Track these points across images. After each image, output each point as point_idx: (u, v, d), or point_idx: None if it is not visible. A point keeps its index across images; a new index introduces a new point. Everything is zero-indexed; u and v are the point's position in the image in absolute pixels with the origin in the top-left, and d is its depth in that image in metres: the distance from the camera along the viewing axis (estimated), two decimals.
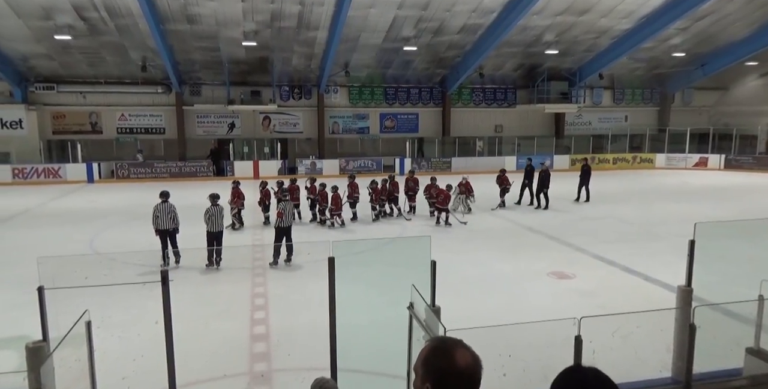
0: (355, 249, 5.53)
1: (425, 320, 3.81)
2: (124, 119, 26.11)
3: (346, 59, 24.99)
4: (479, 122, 29.65)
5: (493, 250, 11.61)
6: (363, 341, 4.87)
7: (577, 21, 22.63)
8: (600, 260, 10.58)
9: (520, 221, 14.48)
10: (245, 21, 20.83)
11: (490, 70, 27.20)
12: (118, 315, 6.76)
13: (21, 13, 19.21)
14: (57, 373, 3.37)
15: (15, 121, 24.34)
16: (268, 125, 27.66)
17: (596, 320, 3.65)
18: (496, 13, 21.29)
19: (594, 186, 17.72)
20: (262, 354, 6.59)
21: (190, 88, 26.20)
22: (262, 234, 13.19)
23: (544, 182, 16.33)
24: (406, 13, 20.92)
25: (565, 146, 29.47)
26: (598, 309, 7.61)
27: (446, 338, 1.75)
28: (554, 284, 9.21)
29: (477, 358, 1.57)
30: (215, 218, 10.38)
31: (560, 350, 3.68)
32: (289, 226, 10.84)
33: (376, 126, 28.91)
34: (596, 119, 31.30)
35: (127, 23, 20.26)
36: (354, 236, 12.92)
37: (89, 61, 23.62)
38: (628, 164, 28.96)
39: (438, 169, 26.21)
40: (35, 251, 11.50)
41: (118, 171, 24.25)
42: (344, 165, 26.10)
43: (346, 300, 4.38)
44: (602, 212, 15.70)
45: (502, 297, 8.53)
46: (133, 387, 5.33)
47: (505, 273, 9.79)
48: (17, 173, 23.07)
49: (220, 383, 5.68)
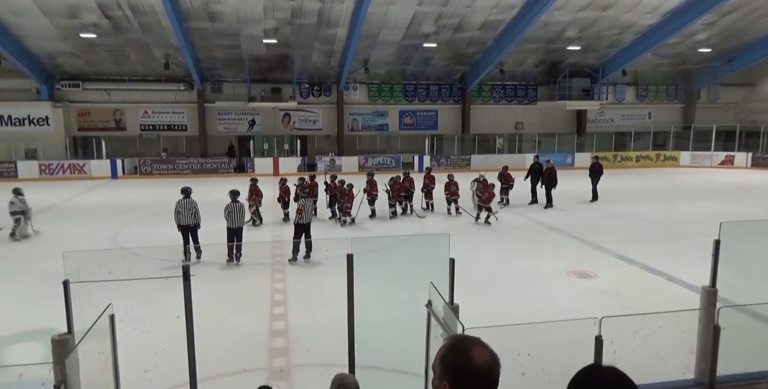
0: (374, 246, 5.54)
1: (443, 318, 3.79)
2: (147, 116, 26.51)
3: (365, 56, 24.99)
4: (499, 119, 29.42)
5: (513, 248, 11.52)
6: (381, 338, 4.88)
7: (600, 16, 22.28)
8: (621, 260, 10.43)
9: (539, 220, 14.34)
10: (266, 18, 20.96)
11: (510, 66, 26.96)
12: (140, 309, 6.89)
13: (48, 12, 19.61)
14: (81, 365, 3.43)
15: (42, 118, 24.88)
16: (288, 122, 27.83)
17: (617, 320, 3.60)
18: (518, 8, 21.08)
19: (617, 184, 17.49)
20: (281, 349, 6.65)
21: (212, 85, 26.48)
22: (282, 230, 13.29)
23: (551, 180, 16.10)
24: (426, 9, 20.83)
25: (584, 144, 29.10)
26: (619, 308, 7.51)
27: (464, 336, 1.74)
28: (574, 284, 9.10)
29: (495, 356, 1.56)
30: (235, 215, 10.48)
31: (580, 350, 3.64)
32: (308, 222, 10.90)
33: (395, 123, 28.88)
34: (619, 116, 30.82)
35: (150, 21, 20.54)
36: (373, 233, 12.94)
37: (114, 59, 24.03)
38: (652, 162, 28.48)
39: (457, 166, 26.09)
40: (61, 245, 11.78)
41: (141, 167, 24.65)
42: (363, 162, 26.14)
43: (365, 297, 4.39)
44: (624, 211, 15.48)
45: (521, 295, 8.46)
46: (155, 380, 5.42)
47: (524, 272, 9.71)
48: (44, 168, 23.59)
49: (239, 377, 5.75)
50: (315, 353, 6.33)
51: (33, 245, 11.94)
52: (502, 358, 1.58)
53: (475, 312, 4.38)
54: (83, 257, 5.00)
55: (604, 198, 17.29)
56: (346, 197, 13.70)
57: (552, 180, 16.12)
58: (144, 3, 19.11)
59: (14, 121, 24.75)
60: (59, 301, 3.62)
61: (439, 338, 3.74)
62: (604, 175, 17.62)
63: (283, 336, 7.02)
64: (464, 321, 3.30)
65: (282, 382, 5.77)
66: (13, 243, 12.03)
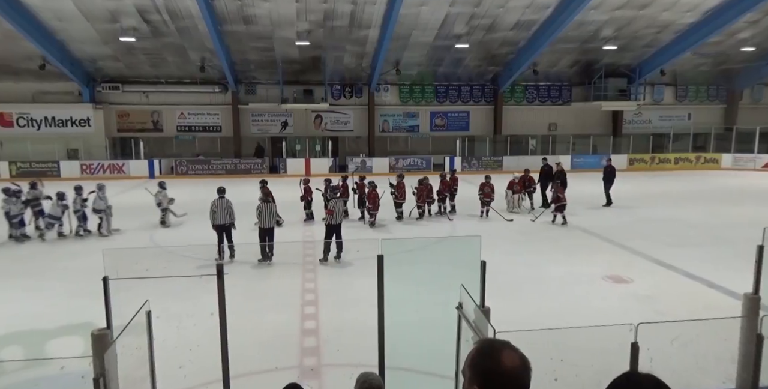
0: (405, 248, 5.54)
1: (474, 321, 3.76)
2: (183, 118, 27.14)
3: (397, 57, 25.01)
4: (532, 120, 29.02)
5: (546, 252, 11.34)
6: (411, 339, 4.87)
7: (637, 15, 21.77)
8: (659, 265, 10.15)
9: (574, 222, 14.08)
10: (299, 21, 21.20)
11: (544, 67, 26.57)
12: (176, 305, 7.04)
13: (90, 17, 20.28)
14: (119, 359, 3.53)
15: (84, 119, 25.74)
16: (320, 124, 28.07)
17: (654, 326, 3.51)
18: (552, 8, 20.78)
19: (655, 187, 17.04)
20: (312, 348, 6.70)
21: (246, 87, 26.92)
22: (313, 231, 13.40)
23: (562, 183, 15.76)
24: (458, 10, 20.73)
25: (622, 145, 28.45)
26: (656, 315, 7.32)
27: (493, 339, 1.72)
28: (610, 289, 8.90)
29: (525, 360, 1.53)
30: (266, 214, 10.63)
31: (615, 356, 3.56)
32: (339, 223, 10.97)
33: (426, 124, 28.81)
34: (657, 117, 30.03)
35: (187, 25, 21.03)
36: (402, 234, 12.93)
37: (152, 62, 24.68)
38: (691, 165, 27.66)
39: (489, 168, 25.87)
40: (101, 242, 12.16)
41: (177, 168, 25.24)
42: (394, 164, 26.16)
43: (395, 298, 4.39)
44: (662, 214, 15.07)
45: (554, 300, 8.32)
46: (190, 375, 5.53)
47: (558, 276, 9.54)
48: (85, 168, 24.39)
49: (271, 375, 5.81)
50: (345, 353, 6.36)
51: (75, 242, 12.34)
52: (534, 363, 1.55)
53: (506, 315, 4.33)
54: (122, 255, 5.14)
55: (642, 202, 16.89)
56: (370, 198, 13.75)
57: (562, 183, 15.74)
58: (181, 7, 19.57)
59: (57, 122, 25.68)
60: (99, 297, 3.73)
61: (469, 341, 3.71)
62: (637, 178, 17.18)
63: (313, 336, 7.07)
64: (495, 324, 3.27)
65: (313, 381, 5.82)
66: (57, 240, 12.45)
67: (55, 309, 7.86)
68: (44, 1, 18.98)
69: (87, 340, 3.54)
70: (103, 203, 12.86)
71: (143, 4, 19.45)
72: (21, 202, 12.48)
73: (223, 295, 4.14)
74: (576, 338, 4.25)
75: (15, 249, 11.78)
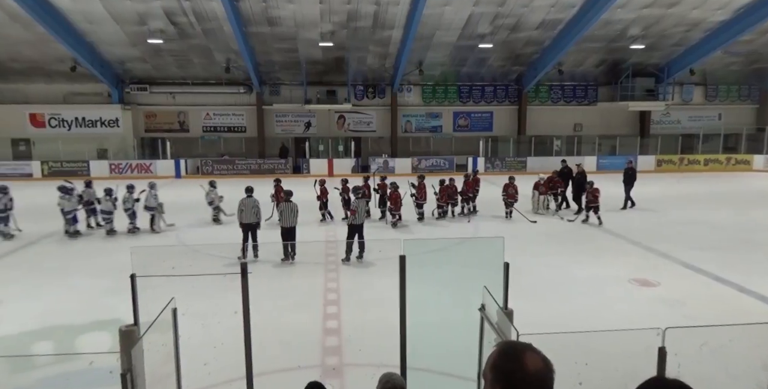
0: (427, 248, 5.52)
1: (497, 323, 3.73)
2: (209, 118, 27.54)
3: (420, 58, 24.97)
4: (557, 121, 28.68)
5: (571, 253, 11.19)
6: (433, 340, 4.85)
7: (665, 13, 21.34)
8: (688, 268, 9.94)
9: (600, 225, 13.87)
10: (322, 22, 21.32)
11: (569, 66, 26.23)
12: (200, 303, 7.14)
13: (119, 20, 20.72)
14: (146, 356, 3.59)
15: (112, 120, 26.31)
16: (343, 124, 28.19)
17: (683, 331, 3.43)
18: (577, 7, 20.51)
19: (684, 189, 16.68)
20: (334, 347, 6.74)
21: (270, 88, 27.19)
22: (335, 231, 13.46)
23: (581, 185, 15.44)
24: (482, 9, 20.60)
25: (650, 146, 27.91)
26: (684, 319, 7.17)
27: (514, 342, 1.70)
28: (636, 292, 8.74)
29: (548, 362, 1.51)
30: (287, 214, 10.71)
31: (642, 361, 3.49)
32: (361, 223, 10.99)
33: (449, 125, 28.70)
34: (686, 118, 29.39)
35: (212, 27, 21.34)
36: (424, 235, 12.90)
37: (178, 64, 25.10)
38: (722, 166, 26.99)
39: (513, 168, 25.64)
40: (129, 240, 12.40)
41: (202, 167, 25.61)
42: (416, 164, 26.12)
43: (417, 299, 4.38)
44: (691, 217, 14.73)
45: (578, 302, 8.21)
46: (214, 372, 5.61)
47: (582, 278, 9.41)
48: (113, 168, 24.93)
49: (294, 374, 5.86)
50: (367, 353, 6.37)
51: (105, 240, 12.62)
52: (558, 366, 1.54)
53: (529, 318, 4.29)
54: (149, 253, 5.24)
55: (670, 204, 16.55)
56: (392, 199, 13.75)
57: (582, 185, 15.50)
58: (207, 9, 19.87)
59: (87, 123, 26.30)
60: (127, 294, 3.81)
61: (492, 343, 3.68)
62: (665, 179, 16.85)
63: (336, 335, 7.11)
64: (518, 327, 3.24)
65: (335, 380, 5.84)
66: (88, 237, 12.75)
67: (85, 305, 8.06)
68: (75, 3, 19.47)
69: (115, 336, 3.61)
70: (154, 200, 13.29)
71: (170, 7, 19.80)
72: (75, 199, 12.92)
73: (247, 294, 4.18)
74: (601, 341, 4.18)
75: (48, 246, 12.10)
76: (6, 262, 10.83)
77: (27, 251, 11.73)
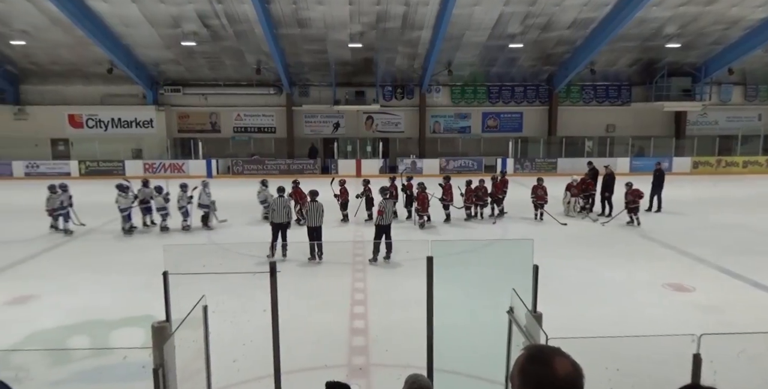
0: (454, 250, 5.50)
1: (525, 326, 3.69)
2: (240, 119, 27.97)
3: (449, 58, 24.86)
4: (589, 121, 28.18)
5: (602, 257, 10.98)
6: (460, 342, 4.82)
7: (703, 11, 20.77)
8: (725, 273, 9.64)
9: (632, 228, 13.58)
10: (352, 23, 21.42)
11: (602, 66, 25.75)
12: (230, 301, 7.24)
13: (154, 23, 21.23)
14: (177, 351, 3.66)
15: (147, 120, 26.97)
16: (371, 125, 28.27)
17: (719, 338, 3.34)
18: (611, 5, 20.12)
19: (721, 191, 16.17)
20: (361, 347, 6.75)
21: (299, 89, 27.46)
22: (362, 231, 13.50)
23: (609, 186, 15.07)
24: (512, 9, 20.39)
25: None
26: (720, 326, 6.96)
27: (543, 345, 1.68)
28: (670, 297, 8.52)
29: (578, 367, 1.48)
30: (313, 214, 10.80)
31: (675, 368, 3.40)
32: (389, 224, 10.99)
33: (478, 125, 28.49)
34: (724, 118, 28.52)
35: (244, 29, 21.66)
36: (453, 236, 12.83)
37: (210, 65, 25.57)
38: (761, 168, 26.09)
39: (542, 170, 25.30)
40: (162, 239, 12.67)
41: (233, 167, 26.03)
42: (444, 165, 26.01)
43: (444, 300, 4.36)
44: (728, 220, 14.28)
45: (609, 307, 8.04)
46: (242, 369, 5.69)
47: (614, 282, 9.22)
48: (147, 167, 25.53)
49: (321, 372, 5.89)
50: (393, 353, 6.37)
51: (139, 238, 12.94)
52: (588, 372, 1.51)
53: (559, 322, 4.22)
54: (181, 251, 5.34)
55: (706, 207, 16.07)
56: (419, 200, 13.70)
57: (609, 186, 15.09)
58: (239, 11, 20.18)
59: (123, 123, 27.01)
60: (160, 290, 3.90)
61: (520, 346, 3.64)
62: (701, 182, 16.36)
63: (362, 335, 7.13)
64: (547, 330, 3.19)
65: (361, 380, 5.86)
66: (123, 235, 13.08)
67: (120, 301, 8.27)
68: (112, 7, 20.02)
69: (147, 332, 3.70)
70: (207, 198, 13.69)
71: (203, 10, 20.18)
72: (131, 197, 13.31)
73: (276, 292, 4.23)
74: (633, 347, 4.09)
75: (86, 243, 12.45)
76: (46, 257, 11.20)
77: (67, 247, 12.11)
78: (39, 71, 25.76)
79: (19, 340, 6.90)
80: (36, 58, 24.60)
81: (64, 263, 10.77)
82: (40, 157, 25.86)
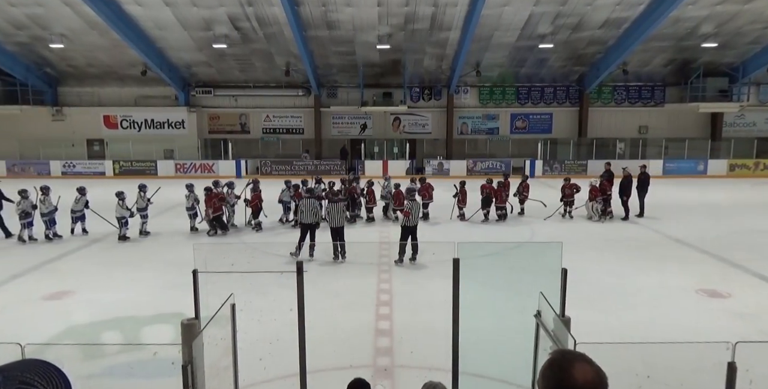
0: (481, 252, 5.45)
1: (553, 330, 3.63)
2: (269, 120, 28.32)
3: (477, 59, 24.69)
4: (620, 123, 27.63)
5: (633, 261, 10.74)
6: (486, 346, 4.78)
7: (741, 10, 20.16)
8: (762, 280, 9.33)
9: (665, 232, 13.25)
10: (380, 25, 21.47)
11: (635, 66, 25.22)
12: (257, 300, 7.33)
13: (186, 26, 21.65)
14: (205, 348, 3.72)
15: (179, 121, 27.53)
16: (398, 126, 28.27)
17: (756, 346, 3.23)
18: (644, 4, 19.69)
19: (760, 195, 15.64)
20: (386, 348, 6.75)
21: (327, 90, 27.64)
22: (389, 232, 13.51)
23: (625, 189, 14.66)
24: (542, 9, 20.14)
25: None
26: (757, 334, 6.74)
27: (566, 351, 1.64)
28: (704, 303, 8.29)
29: (601, 375, 1.44)
30: (334, 214, 10.87)
31: (708, 376, 3.31)
32: (415, 225, 10.97)
33: (506, 127, 28.22)
34: (763, 120, 27.61)
35: (274, 31, 21.92)
36: (480, 238, 12.73)
37: (241, 67, 25.95)
38: None
39: (572, 172, 24.86)
40: (192, 237, 12.90)
41: (261, 168, 26.35)
42: (472, 166, 25.82)
43: (470, 303, 4.33)
44: (766, 225, 13.82)
45: (641, 312, 7.86)
46: (269, 367, 5.74)
47: (645, 287, 9.01)
48: (179, 167, 26.06)
49: (346, 372, 5.90)
50: (418, 355, 6.35)
51: (170, 236, 13.20)
52: (618, 378, 1.48)
53: (588, 327, 4.15)
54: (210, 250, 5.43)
55: (743, 211, 15.56)
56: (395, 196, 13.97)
57: (626, 190, 14.69)
58: (269, 14, 20.43)
59: (156, 124, 27.63)
60: (189, 288, 3.97)
61: (548, 350, 3.58)
62: (738, 185, 15.81)
63: (387, 336, 7.12)
64: (576, 335, 3.14)
65: (386, 381, 5.86)
66: (153, 234, 13.36)
67: (151, 298, 8.45)
68: (146, 11, 20.50)
69: (177, 329, 3.76)
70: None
71: (234, 12, 20.50)
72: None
73: (302, 291, 4.26)
74: (665, 354, 3.99)
75: (119, 241, 12.75)
76: (80, 255, 11.53)
77: (100, 246, 12.43)
78: (76, 73, 26.54)
79: (55, 334, 7.11)
80: (73, 61, 25.35)
81: (99, 261, 11.05)
82: (76, 157, 26.66)
